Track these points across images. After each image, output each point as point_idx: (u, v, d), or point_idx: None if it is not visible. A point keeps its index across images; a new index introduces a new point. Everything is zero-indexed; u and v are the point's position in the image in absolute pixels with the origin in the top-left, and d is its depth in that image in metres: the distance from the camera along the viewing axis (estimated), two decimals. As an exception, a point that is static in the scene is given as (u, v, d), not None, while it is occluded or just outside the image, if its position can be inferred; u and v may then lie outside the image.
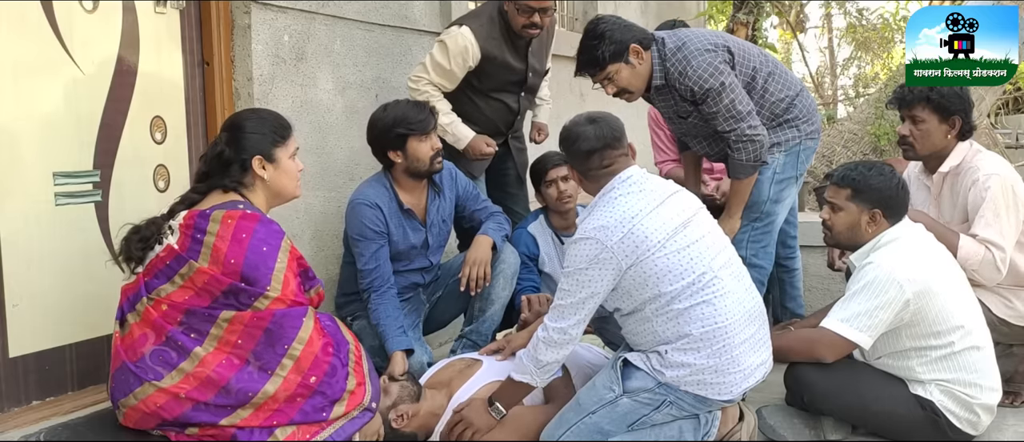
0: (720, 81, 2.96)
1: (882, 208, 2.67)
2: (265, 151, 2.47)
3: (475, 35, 3.42)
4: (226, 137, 2.48)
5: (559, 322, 2.45)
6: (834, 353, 2.63)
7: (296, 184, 2.56)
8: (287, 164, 2.52)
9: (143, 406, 2.26)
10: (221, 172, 2.44)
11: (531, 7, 3.41)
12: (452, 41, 3.41)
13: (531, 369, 2.50)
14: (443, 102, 3.47)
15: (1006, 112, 8.44)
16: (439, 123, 3.36)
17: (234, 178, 2.44)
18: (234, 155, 2.44)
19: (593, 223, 2.44)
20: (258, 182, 2.47)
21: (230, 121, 2.55)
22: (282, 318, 2.31)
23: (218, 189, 2.44)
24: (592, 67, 3.06)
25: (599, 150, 2.52)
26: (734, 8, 7.41)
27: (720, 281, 2.43)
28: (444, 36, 3.46)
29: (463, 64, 3.43)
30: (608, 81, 3.07)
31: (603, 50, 3.00)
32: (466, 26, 3.43)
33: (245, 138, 2.46)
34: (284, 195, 2.55)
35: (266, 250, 2.33)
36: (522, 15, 3.43)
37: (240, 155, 2.44)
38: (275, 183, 2.49)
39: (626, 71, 3.04)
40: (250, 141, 2.45)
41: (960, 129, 3.00)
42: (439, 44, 3.45)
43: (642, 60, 3.05)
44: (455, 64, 3.41)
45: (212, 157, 2.47)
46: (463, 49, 3.41)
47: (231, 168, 2.44)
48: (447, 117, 3.45)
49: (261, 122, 2.51)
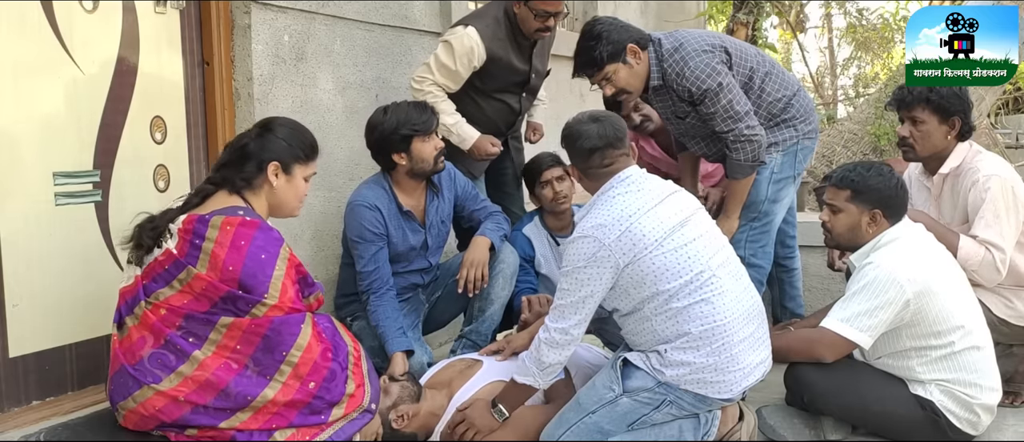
0: (717, 82, 2.97)
1: (882, 208, 2.67)
2: (285, 160, 2.48)
3: (481, 36, 3.40)
4: (256, 132, 2.51)
5: (560, 322, 2.45)
6: (834, 353, 2.63)
7: (298, 205, 2.58)
8: (299, 182, 2.54)
9: (142, 409, 2.26)
10: (237, 165, 2.45)
11: (547, 11, 3.41)
12: (458, 41, 3.39)
13: (534, 371, 2.50)
14: (447, 102, 3.45)
15: (1006, 112, 8.45)
16: (444, 124, 3.37)
17: (246, 176, 2.44)
18: (256, 151, 2.45)
19: (591, 221, 2.45)
20: (266, 187, 2.47)
21: (266, 120, 2.58)
22: (280, 325, 2.31)
23: (224, 190, 2.45)
24: (590, 68, 3.06)
25: (601, 149, 2.52)
26: (734, 8, 7.42)
27: (718, 280, 2.43)
28: (449, 36, 3.43)
29: (469, 65, 3.41)
30: (606, 81, 3.07)
31: (601, 50, 3.00)
32: (472, 26, 3.41)
33: (273, 140, 2.48)
34: (283, 209, 2.55)
35: (264, 257, 2.33)
36: (538, 19, 3.42)
37: (261, 154, 2.45)
38: (281, 194, 2.50)
39: (624, 71, 3.04)
40: (276, 145, 2.48)
41: (960, 130, 2.99)
42: (444, 44, 3.43)
43: (640, 60, 3.05)
44: (461, 65, 3.40)
45: (236, 148, 2.49)
46: (469, 50, 3.39)
47: (247, 164, 2.45)
48: (452, 117, 3.44)
49: (293, 134, 2.53)
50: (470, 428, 2.58)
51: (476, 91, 3.53)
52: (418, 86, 3.42)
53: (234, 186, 2.45)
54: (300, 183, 2.54)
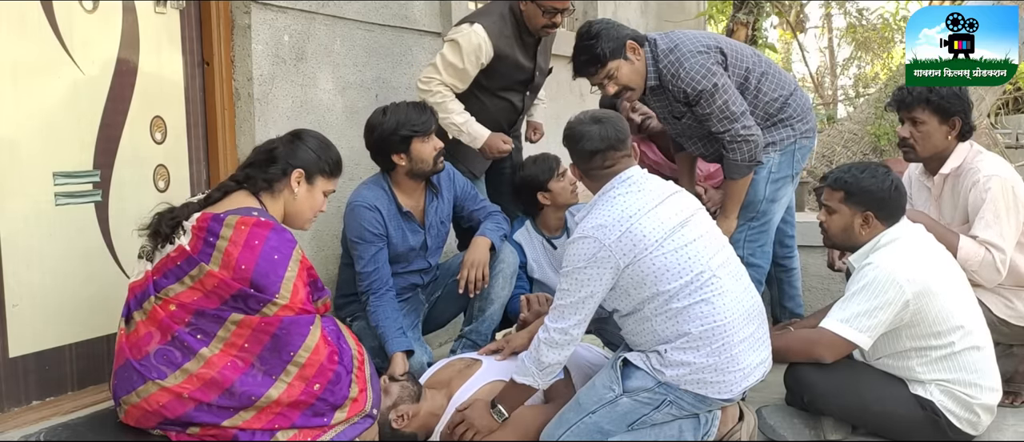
0: (713, 83, 2.97)
1: (874, 210, 2.66)
2: (310, 170, 2.54)
3: (488, 33, 3.38)
4: (287, 139, 2.57)
5: (559, 322, 2.45)
6: (834, 353, 2.63)
7: (312, 218, 2.63)
8: (318, 194, 2.59)
9: (145, 404, 2.27)
10: (263, 166, 2.50)
11: (556, 8, 3.41)
12: (465, 39, 3.37)
13: (533, 371, 2.50)
14: (455, 102, 3.42)
15: (1006, 112, 8.45)
16: (454, 123, 3.38)
17: (269, 178, 2.48)
18: (284, 156, 2.51)
19: (591, 222, 2.45)
20: (286, 193, 2.51)
21: (298, 130, 2.66)
22: (290, 325, 2.32)
23: (244, 190, 2.47)
24: (593, 65, 3.06)
25: (602, 151, 2.52)
26: (734, 8, 7.42)
27: (718, 280, 2.43)
28: (455, 35, 3.42)
29: (476, 62, 3.40)
30: (609, 79, 3.06)
31: (602, 47, 3.01)
32: (478, 24, 3.40)
33: (302, 149, 2.55)
34: (297, 220, 2.59)
35: (277, 258, 2.35)
36: (545, 16, 3.42)
37: (288, 159, 2.51)
38: (299, 203, 2.54)
39: (626, 67, 3.05)
40: (304, 154, 2.54)
41: (960, 130, 2.99)
42: (450, 43, 3.41)
43: (639, 56, 3.06)
44: (469, 62, 3.38)
45: (264, 150, 2.55)
46: (477, 46, 3.38)
47: (273, 167, 2.50)
48: (461, 117, 3.42)
49: (323, 148, 2.60)
50: (470, 429, 2.58)
51: (481, 89, 3.52)
52: (425, 87, 3.40)
53: (255, 186, 2.48)
54: (319, 196, 2.59)
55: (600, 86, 3.13)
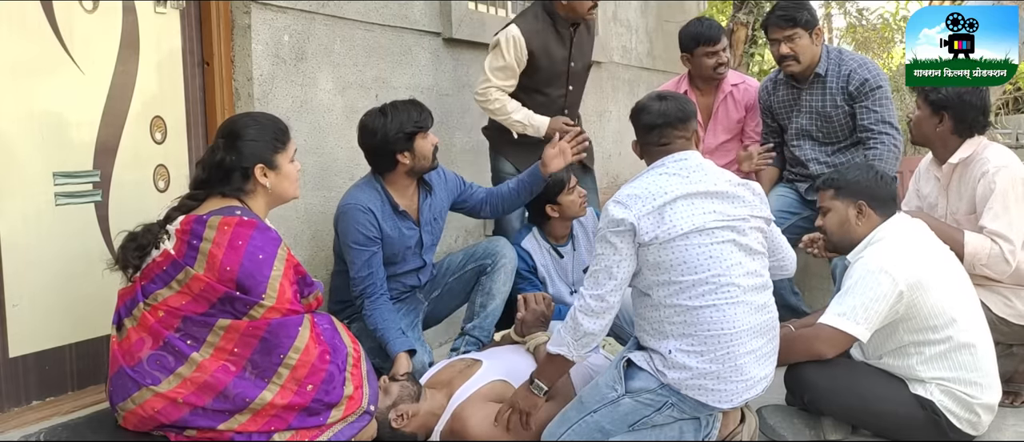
0: (886, 84, 3.41)
1: (866, 199, 2.72)
2: (267, 158, 2.45)
3: (521, 30, 3.60)
4: (225, 144, 2.43)
5: (594, 289, 2.42)
6: (833, 348, 2.63)
7: (296, 186, 2.57)
8: (288, 169, 2.51)
9: (141, 411, 2.26)
10: (222, 180, 2.42)
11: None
12: (503, 37, 3.61)
13: (569, 341, 2.44)
14: (513, 102, 3.66)
15: (1006, 112, 8.42)
16: (517, 121, 3.65)
17: (235, 186, 2.42)
18: (235, 163, 2.41)
19: (628, 190, 2.45)
20: (259, 189, 2.46)
21: (227, 128, 2.50)
22: (278, 327, 2.31)
23: (217, 194, 2.43)
24: (788, 22, 3.55)
25: (659, 127, 2.53)
26: (734, 8, 7.41)
27: (736, 289, 2.39)
28: (494, 40, 3.66)
29: (517, 55, 3.61)
30: (788, 40, 3.56)
31: (804, 14, 3.55)
32: (512, 25, 3.65)
33: (245, 145, 2.43)
34: (284, 198, 2.56)
35: (262, 258, 2.33)
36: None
37: (241, 163, 2.42)
38: (276, 188, 2.49)
39: (808, 41, 3.57)
40: (251, 149, 2.43)
41: (954, 125, 3.02)
42: (492, 49, 3.65)
43: (819, 42, 3.58)
44: (512, 57, 3.60)
45: (212, 164, 2.43)
46: (514, 38, 3.59)
47: (232, 176, 2.42)
48: (519, 113, 3.65)
49: (261, 129, 2.48)
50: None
51: (521, 88, 3.71)
52: (483, 97, 3.67)
53: (225, 196, 2.42)
54: (289, 169, 2.51)
55: (775, 42, 3.60)
